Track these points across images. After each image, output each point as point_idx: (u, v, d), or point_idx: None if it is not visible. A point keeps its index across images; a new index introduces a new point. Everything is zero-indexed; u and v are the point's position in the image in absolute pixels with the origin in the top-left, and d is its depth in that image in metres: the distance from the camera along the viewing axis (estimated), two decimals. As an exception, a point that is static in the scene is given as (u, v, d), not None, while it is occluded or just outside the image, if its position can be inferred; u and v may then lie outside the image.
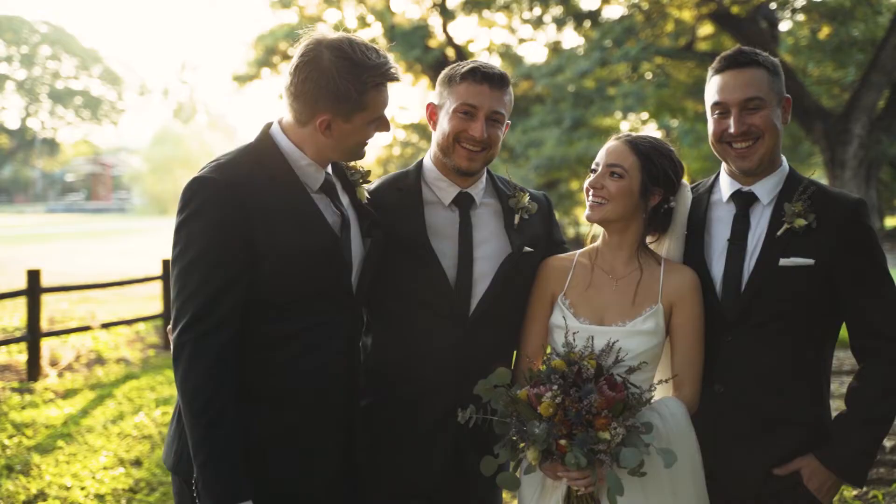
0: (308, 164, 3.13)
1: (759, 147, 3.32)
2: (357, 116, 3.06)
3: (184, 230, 2.95)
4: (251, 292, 2.96)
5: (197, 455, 2.86)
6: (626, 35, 22.59)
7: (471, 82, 3.39)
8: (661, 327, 3.28)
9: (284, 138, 3.14)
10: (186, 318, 2.89)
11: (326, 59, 2.99)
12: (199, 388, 2.86)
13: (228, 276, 2.91)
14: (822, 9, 24.28)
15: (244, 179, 2.99)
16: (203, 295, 2.89)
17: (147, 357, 13.14)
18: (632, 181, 3.31)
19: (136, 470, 7.70)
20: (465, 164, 3.44)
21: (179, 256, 2.95)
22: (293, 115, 3.10)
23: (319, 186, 3.17)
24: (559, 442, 2.92)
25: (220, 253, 2.91)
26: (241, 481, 2.87)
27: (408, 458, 3.44)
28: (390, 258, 3.38)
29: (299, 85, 3.02)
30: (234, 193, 2.94)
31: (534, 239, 3.56)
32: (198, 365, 2.86)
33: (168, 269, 13.86)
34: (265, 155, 3.11)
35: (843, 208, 3.29)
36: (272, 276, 2.98)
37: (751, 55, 3.35)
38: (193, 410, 2.86)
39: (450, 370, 3.38)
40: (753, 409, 3.30)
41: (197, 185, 2.96)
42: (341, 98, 3.00)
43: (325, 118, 3.04)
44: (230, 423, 2.88)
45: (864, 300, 3.28)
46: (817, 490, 3.28)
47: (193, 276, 2.91)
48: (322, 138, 3.09)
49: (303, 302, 3.05)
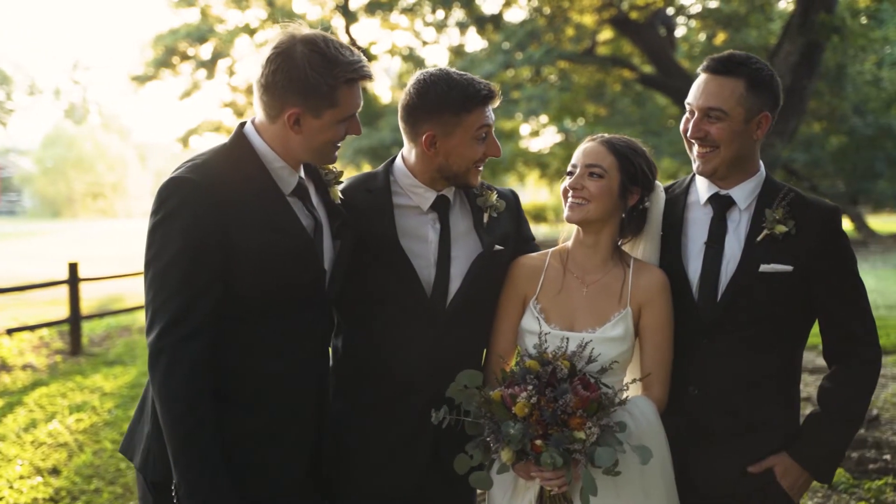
0: (282, 167, 3.09)
1: (716, 156, 3.34)
2: (327, 113, 3.02)
3: (159, 232, 2.91)
4: (226, 294, 2.94)
5: (178, 461, 2.84)
6: (529, 39, 22.90)
7: (482, 106, 3.30)
8: (629, 331, 3.30)
9: (258, 138, 3.10)
10: (163, 322, 2.85)
11: (299, 52, 2.95)
12: (179, 394, 2.84)
13: (205, 278, 2.88)
14: (718, 15, 24.99)
15: (220, 180, 2.95)
16: (180, 298, 2.85)
17: (55, 363, 12.83)
18: (611, 181, 3.32)
19: (54, 479, 7.54)
20: (476, 181, 3.43)
21: (154, 259, 2.90)
22: (263, 110, 3.06)
23: (293, 189, 3.13)
24: (535, 442, 2.94)
25: (197, 256, 2.87)
26: (226, 484, 2.87)
27: (386, 459, 3.41)
28: (361, 260, 3.35)
29: (269, 76, 2.97)
30: (210, 194, 2.90)
31: (504, 237, 3.53)
32: (176, 370, 2.84)
33: (75, 274, 13.59)
34: (240, 156, 3.07)
35: (820, 215, 3.35)
36: (246, 279, 2.96)
37: (734, 64, 3.31)
38: (174, 416, 2.83)
39: (424, 371, 3.35)
40: (728, 412, 3.35)
41: (173, 185, 2.92)
42: (311, 91, 2.96)
43: (294, 112, 2.99)
44: (211, 427, 2.87)
45: (839, 306, 3.36)
46: (790, 487, 3.35)
47: (169, 280, 2.87)
48: (291, 135, 3.04)
49: (277, 304, 3.04)
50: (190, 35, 27.80)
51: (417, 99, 3.32)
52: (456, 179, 3.41)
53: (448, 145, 3.31)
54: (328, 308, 3.26)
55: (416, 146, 3.39)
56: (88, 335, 15.34)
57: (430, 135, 3.30)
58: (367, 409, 3.44)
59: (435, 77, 3.30)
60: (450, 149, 3.32)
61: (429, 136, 3.31)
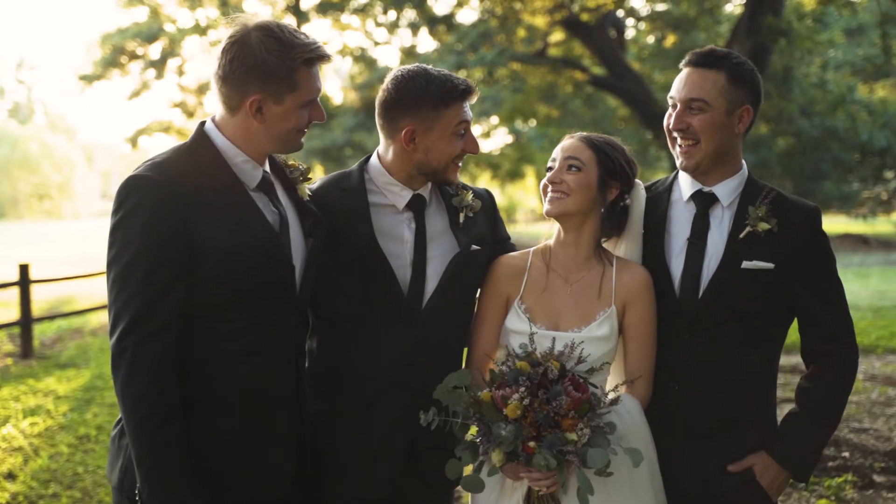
0: (244, 161, 3.07)
1: (698, 150, 3.38)
2: (288, 97, 2.99)
3: (119, 231, 2.87)
4: (190, 294, 2.91)
5: (141, 465, 2.81)
6: (481, 40, 22.95)
7: (460, 101, 3.33)
8: (615, 330, 3.33)
9: (219, 135, 3.07)
10: (125, 322, 2.82)
11: (254, 38, 2.94)
12: (142, 396, 2.80)
13: (168, 277, 2.85)
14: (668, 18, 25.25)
15: (180, 177, 2.92)
16: (142, 298, 2.82)
17: (6, 366, 12.68)
18: (589, 174, 3.36)
19: (10, 483, 7.47)
20: (456, 177, 3.44)
21: (116, 259, 2.87)
22: (223, 103, 3.03)
23: (257, 184, 3.11)
24: (527, 443, 2.94)
25: (159, 254, 2.84)
26: (191, 487, 2.84)
27: (363, 462, 3.39)
28: (337, 260, 3.33)
29: (226, 66, 2.96)
30: (171, 192, 2.87)
31: (480, 237, 3.53)
32: (139, 371, 2.80)
33: (26, 275, 13.41)
34: (201, 153, 3.04)
35: (801, 214, 3.40)
36: (211, 276, 2.93)
37: (715, 57, 3.38)
38: (136, 419, 2.80)
39: (401, 372, 3.35)
40: (709, 409, 3.39)
41: (132, 183, 2.89)
42: (270, 76, 2.94)
43: (254, 99, 2.97)
44: (175, 429, 2.83)
45: (819, 305, 3.41)
46: (769, 486, 3.40)
47: (131, 279, 2.83)
48: (254, 124, 3.02)
49: (244, 303, 3.00)
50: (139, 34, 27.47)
51: (396, 94, 3.33)
52: (435, 176, 3.42)
53: (428, 141, 3.33)
54: (301, 307, 3.23)
55: (394, 143, 3.39)
56: (39, 338, 15.17)
57: (410, 130, 3.32)
58: (343, 411, 3.41)
59: (413, 73, 3.32)
60: (429, 144, 3.33)
61: (408, 132, 3.32)
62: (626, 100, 24.18)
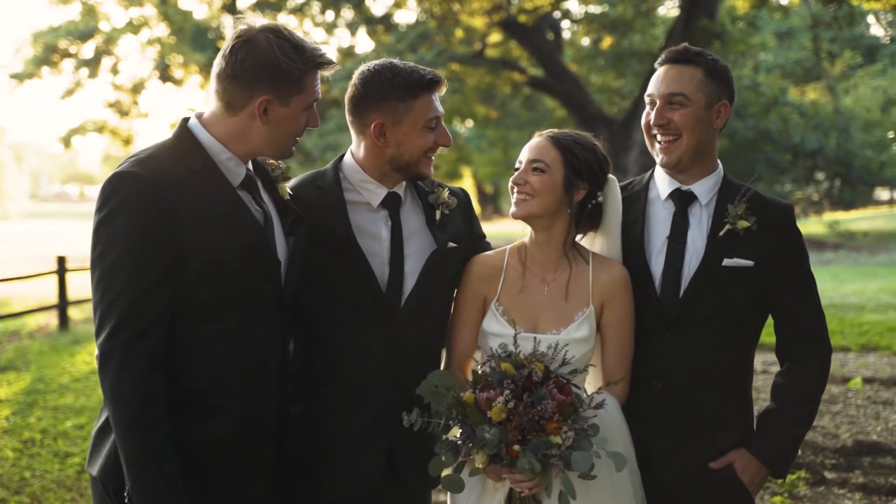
0: (229, 159, 3.01)
1: (679, 145, 3.39)
2: (295, 99, 2.97)
3: (104, 229, 2.80)
4: (177, 292, 2.85)
5: (131, 466, 2.76)
6: (420, 41, 22.98)
7: (428, 93, 3.30)
8: (593, 330, 3.31)
9: (204, 132, 3.01)
10: (111, 324, 2.76)
11: (264, 39, 2.91)
12: (130, 398, 2.75)
13: (155, 276, 2.79)
14: (604, 20, 25.51)
15: (167, 174, 2.86)
16: (128, 298, 2.76)
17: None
18: (554, 176, 3.30)
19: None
20: (429, 171, 3.39)
21: (100, 258, 2.80)
22: (225, 101, 2.98)
23: (241, 182, 3.05)
24: (511, 447, 2.91)
25: (145, 252, 2.78)
26: (181, 490, 2.80)
27: (343, 462, 3.35)
28: (314, 258, 3.28)
29: (237, 65, 2.91)
30: (157, 188, 2.81)
31: (457, 234, 3.50)
32: (126, 373, 2.75)
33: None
34: (185, 150, 2.97)
35: (777, 212, 3.44)
36: (199, 276, 2.87)
37: (691, 54, 3.42)
38: (124, 421, 2.75)
39: (379, 371, 3.32)
40: (691, 406, 3.41)
41: (117, 180, 2.82)
42: (283, 76, 2.92)
43: (264, 99, 2.93)
44: (164, 430, 2.79)
45: (794, 302, 3.44)
46: (749, 482, 3.42)
47: (117, 279, 2.77)
48: (257, 125, 2.98)
49: (232, 302, 2.96)
50: (72, 32, 27.02)
51: (363, 88, 3.31)
52: (408, 170, 3.37)
53: (398, 134, 3.30)
54: (286, 306, 3.18)
55: (364, 138, 3.35)
56: (-27, 342, 14.83)
57: (379, 123, 3.28)
58: (322, 410, 3.37)
59: (379, 66, 3.31)
60: (400, 138, 3.30)
61: (377, 125, 3.28)
62: (564, 101, 24.35)
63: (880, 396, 9.66)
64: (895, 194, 53.74)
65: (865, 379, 10.35)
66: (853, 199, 43.60)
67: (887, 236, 35.67)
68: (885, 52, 40.92)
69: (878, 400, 9.51)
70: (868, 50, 40.91)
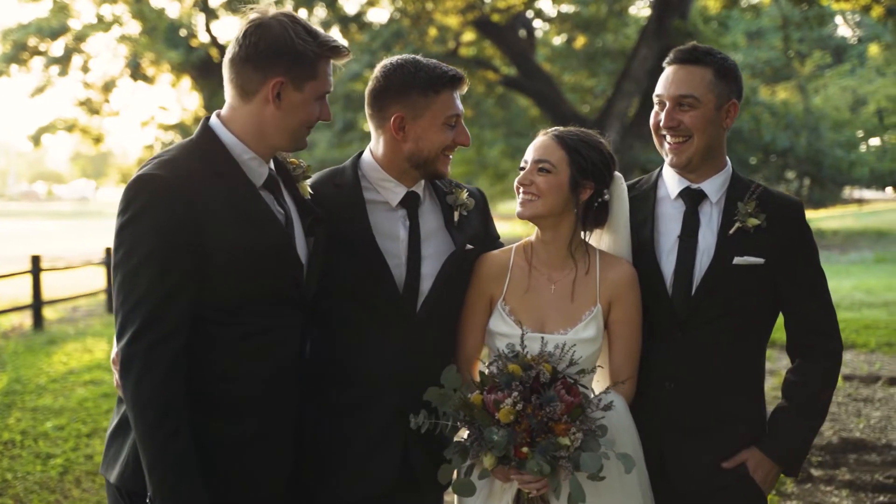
0: (251, 158, 2.97)
1: (689, 146, 3.36)
2: (308, 85, 2.93)
3: (127, 232, 2.76)
4: (200, 295, 2.82)
5: (154, 470, 2.72)
6: (394, 39, 22.96)
7: (450, 90, 3.26)
8: (601, 330, 3.26)
9: (225, 131, 2.97)
10: (135, 327, 2.72)
11: (278, 22, 2.88)
12: (153, 401, 2.72)
13: (178, 279, 2.76)
14: (577, 19, 25.61)
15: (189, 176, 2.82)
16: (152, 301, 2.72)
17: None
18: (560, 176, 3.25)
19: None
20: (447, 170, 3.36)
21: (123, 261, 2.76)
22: (239, 87, 2.94)
23: (263, 182, 3.02)
24: (520, 449, 2.89)
25: (169, 255, 2.74)
26: (204, 496, 2.77)
27: (358, 463, 3.30)
28: (332, 258, 3.22)
29: (251, 48, 2.87)
30: (180, 191, 2.76)
31: (474, 235, 3.46)
32: (150, 376, 2.71)
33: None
34: (207, 150, 2.93)
35: (787, 209, 3.41)
36: (222, 278, 2.84)
37: (700, 54, 3.37)
38: (148, 424, 2.71)
39: (395, 372, 3.27)
40: (703, 406, 3.37)
41: (140, 183, 2.78)
42: (297, 58, 2.88)
43: (278, 81, 2.88)
44: (186, 434, 2.75)
45: (805, 298, 3.41)
46: (762, 481, 3.39)
47: (140, 282, 2.73)
48: (269, 110, 2.93)
49: (253, 304, 2.92)
50: (41, 30, 26.78)
51: (385, 81, 3.27)
52: (426, 167, 3.33)
53: (418, 129, 3.25)
54: (306, 308, 3.14)
55: (384, 132, 3.31)
56: (-56, 343, 14.64)
57: (399, 116, 3.24)
58: (336, 412, 3.32)
59: (402, 60, 3.28)
60: (419, 132, 3.25)
61: (397, 118, 3.24)
62: (538, 100, 24.44)
63: (860, 394, 9.71)
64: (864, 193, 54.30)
65: (845, 376, 10.37)
66: (823, 198, 43.94)
67: (856, 234, 36.02)
68: (852, 52, 41.33)
69: (858, 397, 9.56)
70: (836, 50, 41.34)
